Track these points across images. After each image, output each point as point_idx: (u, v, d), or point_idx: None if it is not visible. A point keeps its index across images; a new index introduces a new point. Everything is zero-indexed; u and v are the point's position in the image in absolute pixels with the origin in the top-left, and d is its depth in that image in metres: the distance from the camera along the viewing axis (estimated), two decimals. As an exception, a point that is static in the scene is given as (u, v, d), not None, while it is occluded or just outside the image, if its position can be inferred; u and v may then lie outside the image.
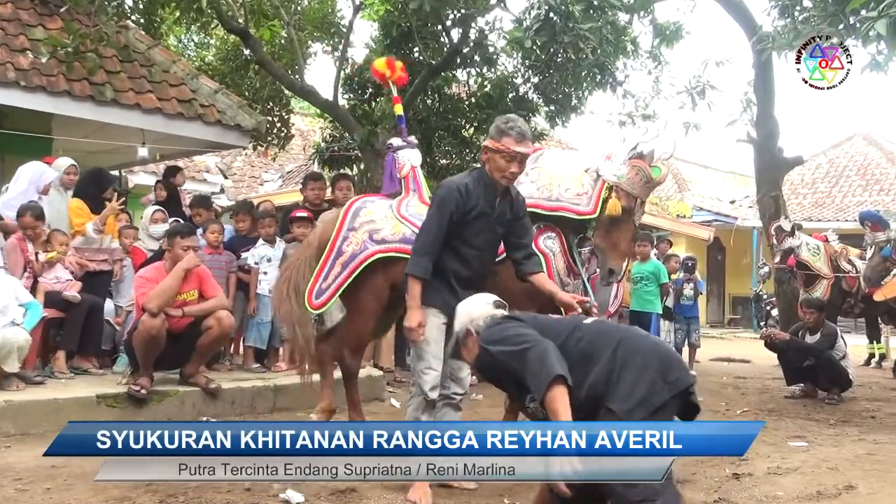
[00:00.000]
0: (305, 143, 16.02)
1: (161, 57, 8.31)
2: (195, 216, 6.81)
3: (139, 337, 4.96)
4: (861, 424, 6.14)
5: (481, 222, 3.71)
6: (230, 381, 5.62)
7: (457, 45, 9.00)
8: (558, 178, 4.35)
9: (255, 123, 8.33)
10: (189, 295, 5.21)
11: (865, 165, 20.32)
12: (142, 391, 4.97)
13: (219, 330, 5.16)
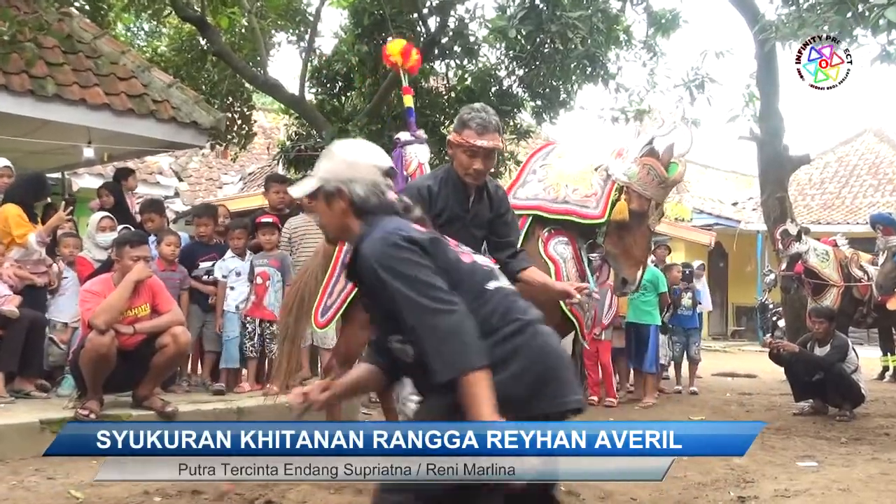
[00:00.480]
0: (269, 142, 16.01)
1: (108, 48, 8.28)
2: (146, 222, 6.79)
3: (86, 356, 4.93)
4: (874, 442, 6.24)
5: (454, 227, 3.56)
6: (188, 404, 5.61)
7: (434, 34, 9.07)
8: (566, 176, 4.30)
9: (214, 121, 8.31)
10: (141, 310, 5.20)
11: (877, 164, 20.64)
12: (90, 416, 4.94)
13: (175, 348, 5.15)
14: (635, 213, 4.05)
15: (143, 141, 8.40)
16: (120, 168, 8.94)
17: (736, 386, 10.01)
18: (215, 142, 11.06)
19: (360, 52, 9.62)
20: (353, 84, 10.33)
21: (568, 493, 4.51)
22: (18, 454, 4.66)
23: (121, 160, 10.45)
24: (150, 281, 5.28)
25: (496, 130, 3.57)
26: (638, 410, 7.85)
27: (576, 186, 4.24)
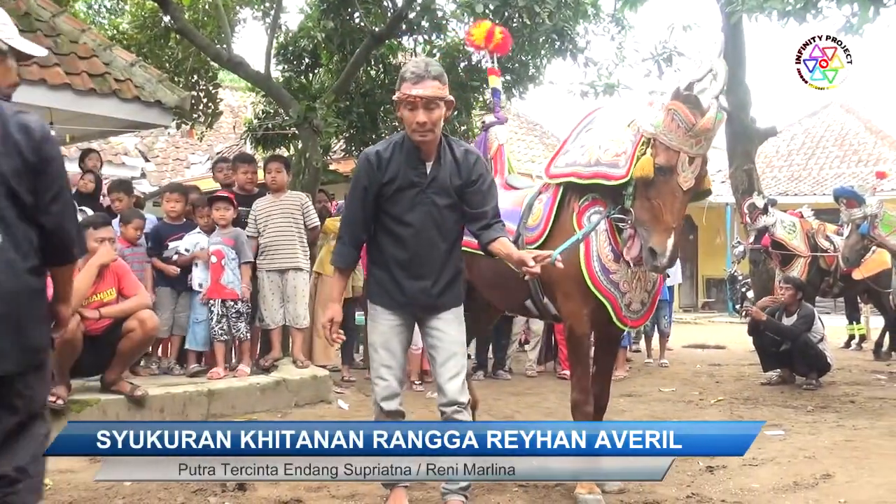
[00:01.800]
0: (236, 121, 15.82)
1: (68, 26, 8.09)
2: (114, 201, 6.71)
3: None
4: (840, 410, 6.36)
5: (410, 194, 3.43)
6: (158, 387, 5.55)
7: (402, 9, 8.97)
8: (603, 138, 3.90)
9: (178, 99, 8.16)
10: (106, 294, 5.13)
11: (843, 135, 20.87)
12: (58, 401, 4.87)
13: (142, 332, 5.08)
14: (661, 168, 3.49)
15: (106, 121, 8.26)
16: (86, 149, 8.79)
17: (706, 357, 10.15)
18: (181, 121, 10.92)
19: (327, 27, 9.51)
20: (319, 61, 10.23)
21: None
22: (-16, 442, 4.60)
23: (84, 141, 10.28)
24: (115, 265, 5.21)
25: (435, 78, 3.30)
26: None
27: (608, 147, 3.80)
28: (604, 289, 3.82)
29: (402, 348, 3.59)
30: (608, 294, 3.83)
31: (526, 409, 6.42)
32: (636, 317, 3.97)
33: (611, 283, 3.83)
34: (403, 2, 8.92)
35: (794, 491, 4.02)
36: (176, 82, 9.67)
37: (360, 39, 9.23)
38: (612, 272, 3.82)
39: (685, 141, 3.45)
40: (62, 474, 4.14)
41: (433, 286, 3.47)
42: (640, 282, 3.87)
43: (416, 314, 3.58)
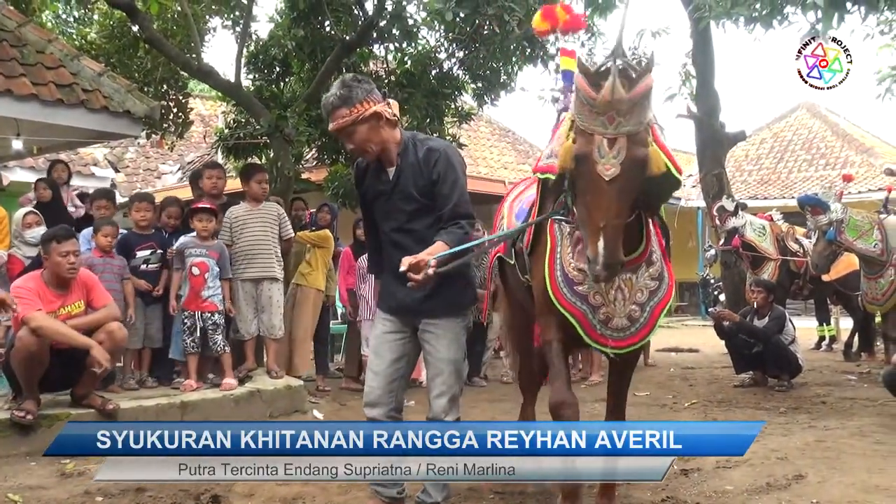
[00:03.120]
0: (207, 130, 15.71)
1: (34, 36, 7.99)
2: (97, 209, 6.64)
3: (17, 356, 4.79)
4: (811, 411, 6.43)
5: (380, 202, 3.48)
6: (130, 400, 5.49)
7: (372, 17, 8.96)
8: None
9: (148, 109, 8.08)
10: (75, 307, 5.07)
11: (810, 139, 21.17)
12: (27, 416, 4.81)
13: (110, 344, 5.01)
14: (578, 156, 2.92)
15: (74, 132, 8.15)
16: (53, 161, 8.68)
17: (680, 360, 10.22)
18: (151, 131, 10.81)
19: (297, 36, 9.47)
20: (290, 69, 10.17)
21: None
22: (-48, 459, 4.53)
23: (52, 152, 10.15)
24: (83, 276, 5.15)
25: (340, 106, 3.27)
26: (584, 388, 7.94)
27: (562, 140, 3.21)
28: (567, 303, 3.31)
29: (394, 356, 3.51)
30: (572, 309, 3.30)
31: (501, 415, 6.41)
32: (621, 335, 3.30)
33: (576, 295, 3.30)
34: (374, 10, 8.92)
35: (767, 492, 4.05)
36: (146, 92, 9.58)
37: (331, 48, 9.21)
38: (576, 283, 3.28)
39: (594, 120, 2.85)
40: (32, 490, 4.08)
41: (417, 291, 3.29)
42: (623, 293, 3.26)
43: (410, 321, 3.51)
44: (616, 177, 2.84)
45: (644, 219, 3.27)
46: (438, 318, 3.43)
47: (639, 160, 2.86)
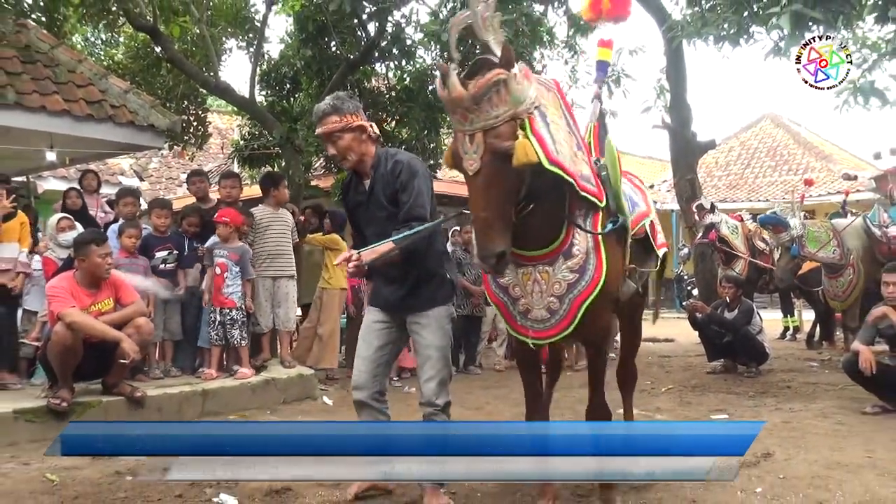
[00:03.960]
0: (224, 142, 15.71)
1: (66, 57, 7.99)
2: (125, 206, 6.60)
3: (53, 349, 4.79)
4: (778, 395, 6.44)
5: (361, 211, 3.56)
6: (156, 388, 5.49)
7: (374, 38, 8.98)
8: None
9: (170, 123, 8.09)
10: (105, 304, 5.06)
11: (775, 147, 21.20)
12: (62, 404, 4.81)
13: (138, 337, 5.00)
14: (454, 154, 2.81)
15: (102, 144, 8.15)
16: (84, 170, 8.68)
17: (657, 349, 10.22)
18: (173, 143, 10.80)
19: (306, 56, 9.50)
20: (300, 86, 10.19)
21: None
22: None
23: (83, 163, 10.14)
24: (113, 276, 5.14)
25: (331, 113, 3.32)
26: (570, 375, 7.95)
27: None
28: (492, 293, 3.24)
29: (379, 343, 3.55)
30: (496, 300, 3.23)
31: (495, 400, 6.42)
32: (541, 326, 3.10)
33: (499, 287, 3.19)
34: (375, 32, 8.94)
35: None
36: (167, 107, 9.57)
37: (337, 66, 9.23)
38: (499, 276, 3.10)
39: (454, 118, 2.75)
40: (67, 471, 4.07)
41: (398, 290, 3.48)
42: (540, 285, 3.05)
43: (398, 316, 3.56)
44: (478, 171, 2.71)
45: (568, 212, 3.05)
46: (422, 310, 3.47)
47: (499, 154, 2.69)
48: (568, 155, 2.96)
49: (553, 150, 2.82)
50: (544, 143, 2.78)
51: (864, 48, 10.94)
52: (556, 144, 2.87)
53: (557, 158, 2.83)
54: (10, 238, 5.77)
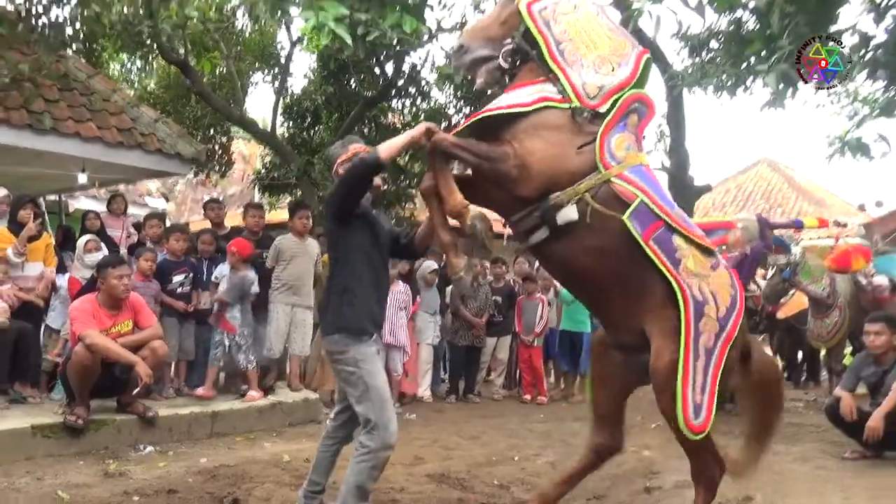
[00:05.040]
0: (246, 168, 15.83)
1: (101, 86, 8.10)
2: (150, 227, 6.68)
3: (73, 368, 4.80)
4: (761, 436, 6.34)
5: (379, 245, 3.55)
6: (168, 408, 5.48)
7: (391, 77, 9.08)
8: None
9: (195, 152, 8.17)
10: (124, 325, 5.07)
11: (769, 190, 21.14)
12: (78, 421, 4.81)
13: (153, 359, 5.02)
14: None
15: (131, 170, 8.23)
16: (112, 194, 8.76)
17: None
18: (198, 170, 10.90)
19: (327, 91, 9.61)
20: (320, 119, 10.29)
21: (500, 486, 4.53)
22: (11, 457, 4.51)
23: (112, 185, 10.23)
24: (133, 299, 5.16)
25: (338, 155, 3.41)
26: (566, 406, 7.91)
27: None
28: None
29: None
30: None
31: (491, 430, 6.38)
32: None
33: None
34: (392, 72, 9.03)
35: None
36: (194, 136, 9.68)
37: (356, 102, 9.33)
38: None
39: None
40: (78, 488, 4.06)
41: (379, 305, 3.50)
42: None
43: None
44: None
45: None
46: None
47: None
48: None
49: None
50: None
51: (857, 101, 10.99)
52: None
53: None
54: (35, 258, 5.80)
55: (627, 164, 3.09)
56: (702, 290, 3.04)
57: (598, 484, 4.59)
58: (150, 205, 13.76)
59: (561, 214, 3.03)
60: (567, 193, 3.03)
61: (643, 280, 3.07)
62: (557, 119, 3.11)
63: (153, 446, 5.05)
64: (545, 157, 3.06)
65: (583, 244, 3.09)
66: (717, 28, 8.06)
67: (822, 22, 6.22)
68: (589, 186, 3.04)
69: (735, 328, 3.08)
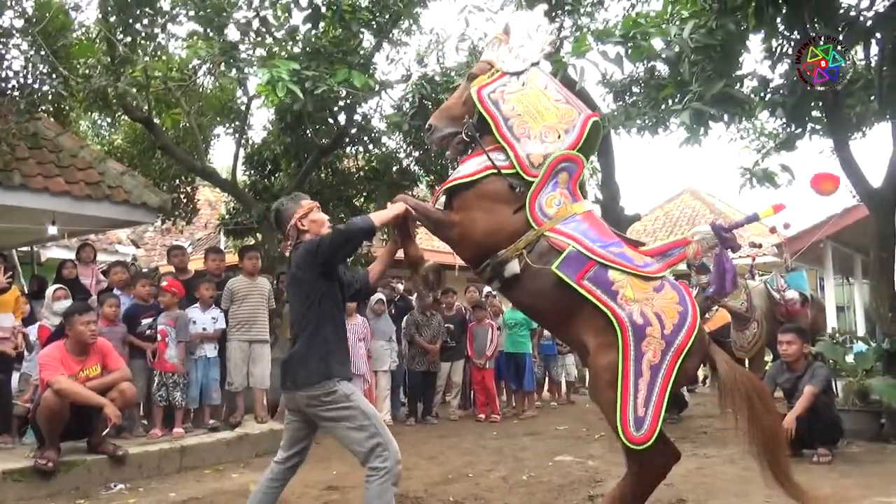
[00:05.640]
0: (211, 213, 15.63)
1: (69, 143, 7.94)
2: (115, 274, 6.61)
3: (43, 413, 4.63)
4: (695, 440, 6.45)
5: (337, 289, 3.46)
6: (137, 446, 5.31)
7: (344, 127, 9.11)
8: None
9: (161, 201, 8.03)
10: (92, 370, 4.92)
11: (693, 217, 21.67)
12: (48, 464, 4.63)
13: (121, 401, 4.88)
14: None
15: (99, 220, 8.05)
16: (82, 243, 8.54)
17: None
18: (164, 218, 10.72)
19: (285, 141, 9.59)
20: (279, 167, 10.25)
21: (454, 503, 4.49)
22: (-18, 502, 4.33)
23: (83, 235, 9.98)
24: (100, 344, 5.03)
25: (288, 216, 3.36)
26: (517, 423, 7.91)
27: None
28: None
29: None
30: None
31: (448, 449, 6.34)
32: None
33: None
34: (345, 122, 9.06)
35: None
36: (160, 187, 9.54)
37: (312, 150, 9.33)
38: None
39: None
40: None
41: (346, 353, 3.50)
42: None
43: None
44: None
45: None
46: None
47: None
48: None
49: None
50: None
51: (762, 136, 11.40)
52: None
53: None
54: (5, 309, 5.62)
55: (559, 218, 3.36)
56: (643, 313, 3.15)
57: (547, 495, 4.60)
58: (120, 252, 13.46)
59: (507, 269, 3.37)
60: (510, 250, 3.37)
61: (583, 311, 3.25)
62: (499, 186, 3.42)
63: (124, 484, 4.89)
64: (482, 228, 3.41)
65: (530, 288, 3.39)
66: (636, 75, 8.33)
67: (727, 68, 6.49)
68: (527, 242, 3.36)
69: (687, 340, 3.13)
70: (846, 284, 15.78)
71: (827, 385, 5.69)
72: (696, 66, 6.51)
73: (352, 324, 6.89)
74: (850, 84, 7.76)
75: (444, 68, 8.81)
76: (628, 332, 3.11)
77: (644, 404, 3.09)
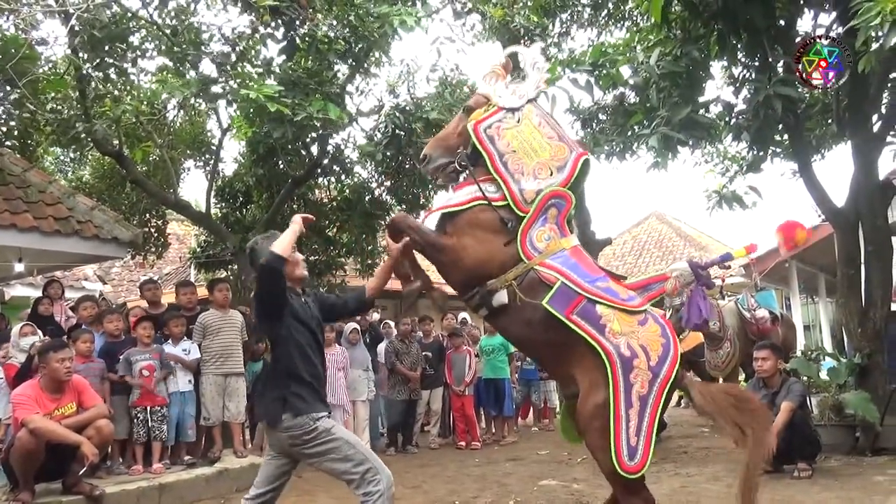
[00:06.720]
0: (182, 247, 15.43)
1: (37, 178, 7.81)
2: (84, 310, 6.46)
3: (17, 453, 4.49)
4: (676, 460, 6.50)
5: (312, 326, 3.49)
6: (114, 485, 5.16)
7: (316, 158, 9.12)
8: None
9: (132, 236, 7.92)
10: (67, 408, 4.79)
11: (660, 240, 22.08)
12: (21, 506, 4.48)
13: (98, 439, 4.74)
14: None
15: (69, 256, 7.91)
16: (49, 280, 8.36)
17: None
18: (135, 253, 10.55)
19: (257, 173, 9.56)
20: (252, 199, 10.20)
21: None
22: (-48, 550, 4.15)
23: (50, 271, 9.78)
24: (75, 381, 4.90)
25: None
26: (498, 449, 7.88)
27: None
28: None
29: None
30: None
31: (431, 478, 6.28)
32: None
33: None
34: (318, 153, 9.08)
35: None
36: (131, 221, 9.41)
37: (285, 182, 9.30)
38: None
39: None
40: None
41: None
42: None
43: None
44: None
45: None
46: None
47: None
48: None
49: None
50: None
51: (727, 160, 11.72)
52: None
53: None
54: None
55: (549, 253, 3.45)
56: (630, 346, 3.22)
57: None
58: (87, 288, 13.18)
59: (495, 298, 3.43)
60: (499, 280, 3.43)
61: (571, 344, 3.32)
62: (491, 217, 3.51)
63: (100, 525, 4.74)
64: (474, 256, 3.46)
65: (517, 319, 3.45)
66: (604, 103, 8.52)
67: (692, 94, 6.69)
68: (516, 274, 3.43)
69: (671, 371, 3.22)
70: (811, 303, 16.16)
71: (803, 400, 5.80)
72: (662, 91, 6.71)
73: (331, 353, 6.83)
74: (809, 108, 8.07)
75: (415, 98, 8.92)
76: (616, 364, 3.20)
77: (636, 433, 3.14)
